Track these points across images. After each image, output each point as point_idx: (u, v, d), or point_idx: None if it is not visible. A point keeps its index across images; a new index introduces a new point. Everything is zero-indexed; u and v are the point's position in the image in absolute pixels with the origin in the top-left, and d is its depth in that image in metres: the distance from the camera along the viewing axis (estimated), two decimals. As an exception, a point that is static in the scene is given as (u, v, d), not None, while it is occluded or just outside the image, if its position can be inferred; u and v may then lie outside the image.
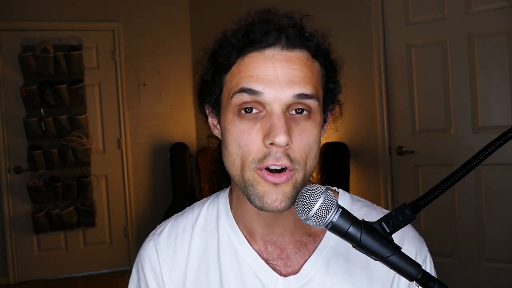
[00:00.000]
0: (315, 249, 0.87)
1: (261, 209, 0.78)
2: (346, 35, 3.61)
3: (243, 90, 0.77)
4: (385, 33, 3.48)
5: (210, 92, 0.85)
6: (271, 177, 0.76)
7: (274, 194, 0.76)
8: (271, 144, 0.75)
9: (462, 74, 3.17)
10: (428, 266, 0.89)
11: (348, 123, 3.64)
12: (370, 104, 3.56)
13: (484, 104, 3.11)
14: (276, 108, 0.76)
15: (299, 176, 0.78)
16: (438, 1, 3.23)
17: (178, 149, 4.69)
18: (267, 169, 0.76)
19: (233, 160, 0.79)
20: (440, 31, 3.24)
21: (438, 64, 3.27)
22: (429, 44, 3.31)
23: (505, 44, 3.01)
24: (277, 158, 0.75)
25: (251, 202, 0.79)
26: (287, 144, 0.75)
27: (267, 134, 0.75)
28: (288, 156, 0.76)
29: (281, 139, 0.73)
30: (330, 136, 3.64)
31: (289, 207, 0.78)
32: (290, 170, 0.77)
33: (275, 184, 0.76)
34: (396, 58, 3.46)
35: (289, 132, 0.75)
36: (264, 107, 0.77)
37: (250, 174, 0.77)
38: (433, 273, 0.90)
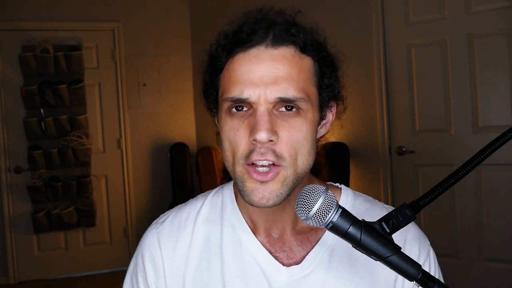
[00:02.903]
0: (317, 242, 0.88)
1: (250, 204, 0.80)
2: (346, 35, 3.61)
3: (232, 100, 0.80)
4: (385, 33, 3.48)
5: (209, 93, 0.88)
6: (256, 175, 0.78)
7: (261, 192, 0.78)
8: (255, 140, 0.77)
9: (462, 74, 3.17)
10: (432, 261, 0.89)
11: (348, 123, 3.63)
12: (370, 104, 3.56)
13: (484, 104, 3.11)
14: (261, 106, 0.78)
15: (287, 173, 0.79)
16: (438, 1, 3.23)
17: (178, 149, 4.69)
18: (254, 164, 0.78)
19: (227, 156, 0.82)
20: (440, 31, 3.24)
21: (438, 64, 3.27)
22: (429, 44, 3.31)
23: (505, 44, 3.01)
24: (261, 154, 0.77)
25: (241, 197, 0.81)
26: (270, 141, 0.77)
27: (251, 131, 0.77)
28: (274, 151, 0.77)
29: (261, 135, 0.76)
30: (330, 136, 3.64)
31: (279, 204, 0.79)
32: (277, 166, 0.78)
33: (262, 182, 0.78)
34: (396, 58, 3.46)
35: (273, 129, 0.77)
36: (251, 106, 0.79)
37: (239, 170, 0.80)
38: (437, 269, 0.90)
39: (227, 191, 0.95)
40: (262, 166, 0.78)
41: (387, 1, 3.45)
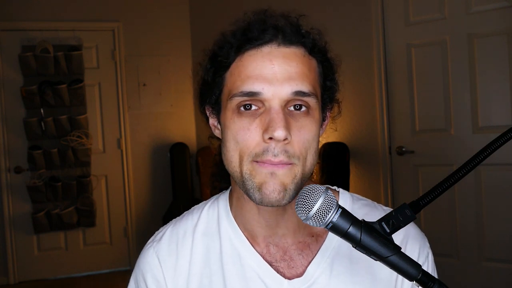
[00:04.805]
0: (318, 250, 0.87)
1: (260, 202, 0.77)
2: (346, 35, 3.61)
3: (243, 94, 0.78)
4: (385, 33, 3.48)
5: (210, 93, 0.85)
6: (268, 164, 0.76)
7: (272, 184, 0.76)
8: (270, 138, 0.75)
9: (462, 74, 3.17)
10: (430, 262, 0.89)
11: (348, 123, 3.63)
12: (370, 104, 3.55)
13: (484, 104, 3.11)
14: (275, 103, 0.77)
15: (297, 170, 0.78)
16: (438, 1, 3.23)
17: (178, 149, 4.69)
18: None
19: (231, 157, 0.80)
20: (440, 31, 3.24)
21: (438, 64, 3.27)
22: (429, 44, 3.31)
23: (505, 44, 3.01)
24: (275, 155, 0.76)
25: (250, 197, 0.79)
26: (286, 139, 0.75)
27: (266, 129, 0.75)
28: (286, 152, 0.76)
29: (279, 133, 0.74)
30: (330, 136, 3.64)
31: (288, 202, 0.78)
32: (289, 164, 0.77)
33: (273, 174, 0.76)
34: (396, 58, 3.45)
35: (287, 127, 0.75)
36: (263, 104, 0.78)
37: (247, 168, 0.78)
38: (434, 269, 0.90)
39: (222, 202, 0.93)
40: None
41: (387, 1, 3.45)
